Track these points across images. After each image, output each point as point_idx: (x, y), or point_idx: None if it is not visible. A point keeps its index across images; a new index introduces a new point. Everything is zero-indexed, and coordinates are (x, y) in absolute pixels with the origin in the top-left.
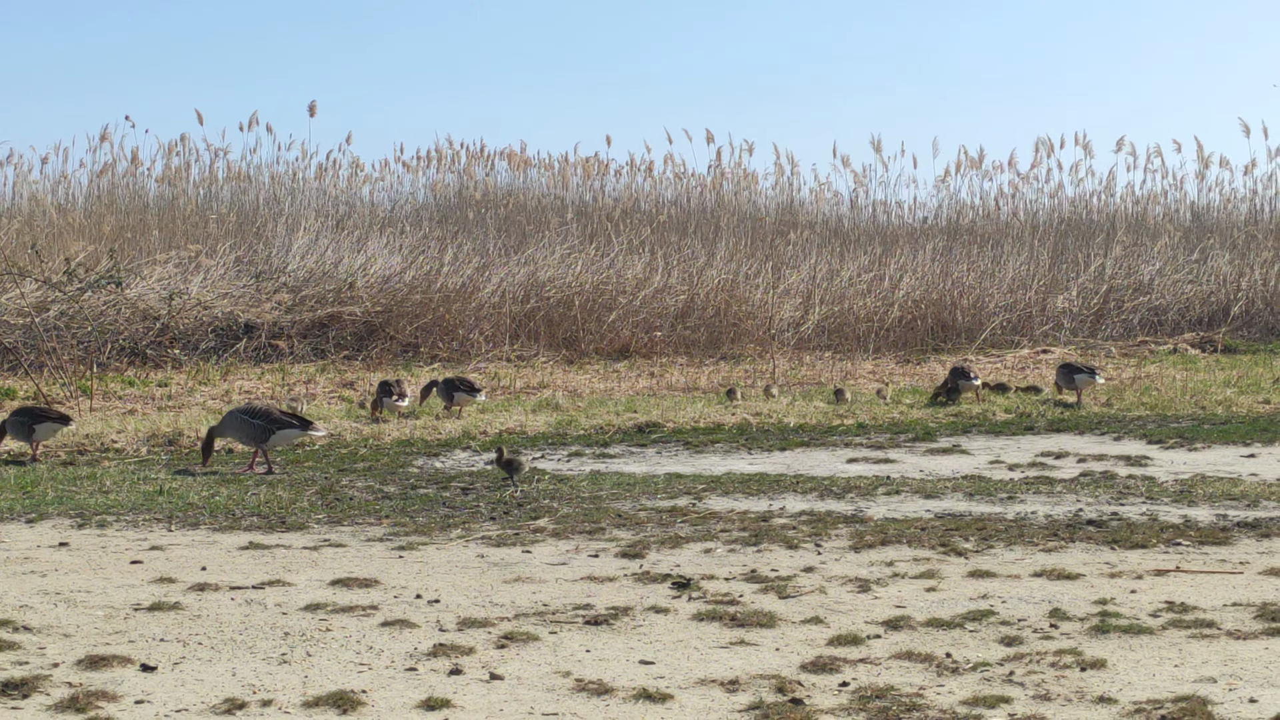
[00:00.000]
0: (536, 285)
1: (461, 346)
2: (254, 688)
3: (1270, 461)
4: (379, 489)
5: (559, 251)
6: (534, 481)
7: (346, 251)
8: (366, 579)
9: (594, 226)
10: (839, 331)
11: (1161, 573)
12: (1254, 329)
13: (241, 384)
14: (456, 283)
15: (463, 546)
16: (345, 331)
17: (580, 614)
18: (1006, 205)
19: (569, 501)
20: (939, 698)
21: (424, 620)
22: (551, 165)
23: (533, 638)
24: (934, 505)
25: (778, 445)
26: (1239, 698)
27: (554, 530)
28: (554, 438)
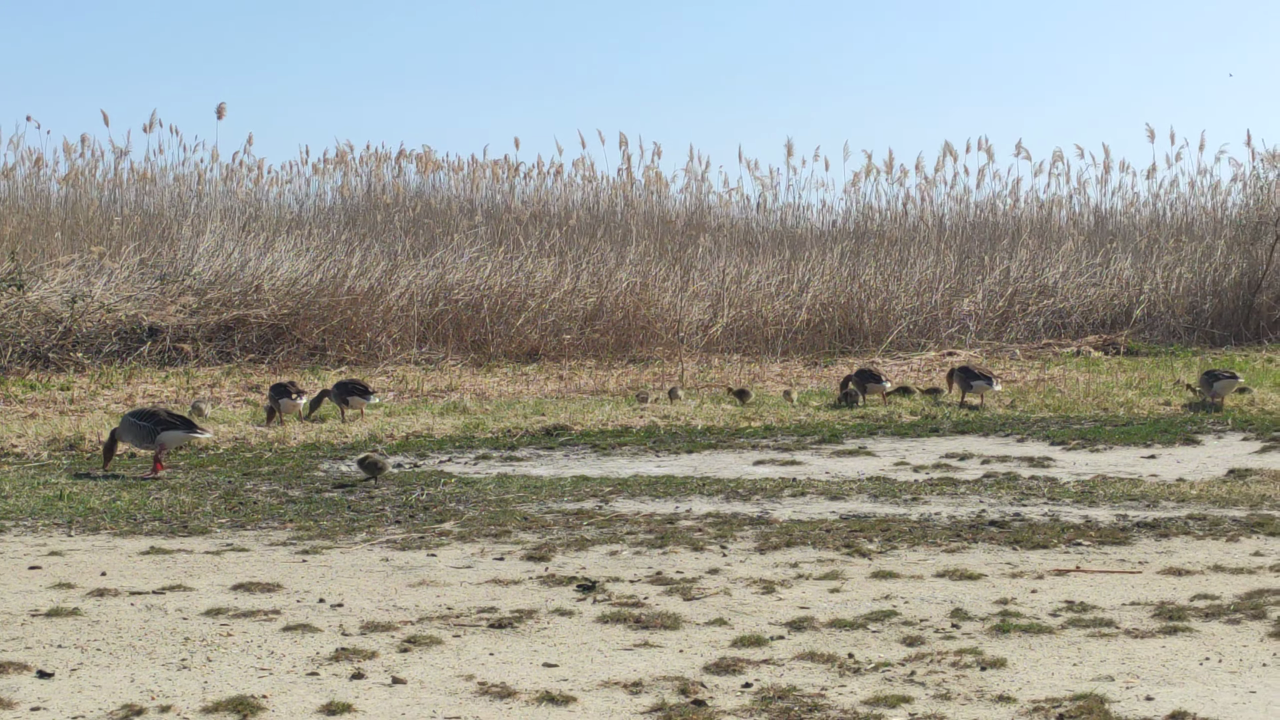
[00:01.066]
0: (445, 288)
1: (369, 349)
2: (153, 693)
3: (1170, 462)
4: (284, 493)
5: (468, 254)
6: (440, 485)
7: (253, 254)
8: (269, 583)
9: (503, 229)
10: (747, 334)
11: (1062, 573)
12: (1155, 331)
13: (146, 387)
14: (364, 285)
15: (367, 550)
16: (251, 334)
17: (485, 617)
18: (914, 209)
19: (475, 505)
20: (840, 698)
21: (327, 624)
22: (461, 168)
23: (436, 641)
24: (839, 507)
25: (685, 448)
26: (1136, 695)
27: (460, 533)
28: (461, 440)
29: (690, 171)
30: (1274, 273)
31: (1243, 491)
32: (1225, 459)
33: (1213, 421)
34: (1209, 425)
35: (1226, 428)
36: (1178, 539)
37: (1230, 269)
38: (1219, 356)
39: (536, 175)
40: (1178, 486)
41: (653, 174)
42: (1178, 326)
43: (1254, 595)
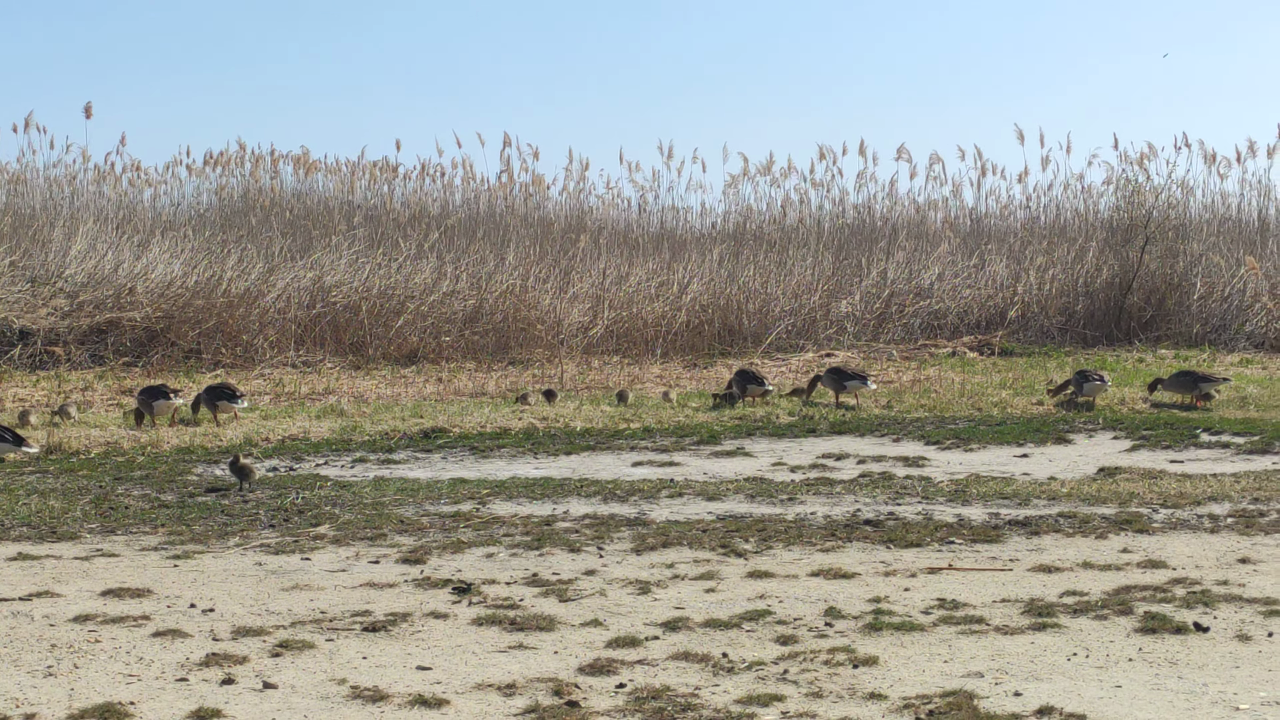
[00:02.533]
0: (323, 290)
1: (246, 352)
2: (17, 701)
3: (1042, 461)
4: (156, 497)
5: (346, 256)
6: (315, 488)
7: (128, 256)
8: (139, 589)
9: (382, 231)
10: (627, 336)
11: (935, 571)
12: (1029, 332)
13: (16, 391)
14: (241, 288)
15: (240, 554)
16: (125, 338)
17: (358, 621)
18: (793, 211)
19: (351, 508)
20: (714, 697)
21: (197, 630)
22: (339, 169)
23: (309, 645)
24: (716, 507)
25: (564, 449)
26: (1004, 691)
27: (335, 537)
28: (338, 444)
29: (570, 173)
30: (1144, 274)
31: (1112, 489)
32: (1096, 457)
33: (1084, 421)
34: (1080, 424)
35: (1098, 427)
36: (1048, 536)
37: (1102, 271)
38: (1091, 357)
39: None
40: (1049, 485)
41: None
42: (1051, 327)
43: (1121, 591)
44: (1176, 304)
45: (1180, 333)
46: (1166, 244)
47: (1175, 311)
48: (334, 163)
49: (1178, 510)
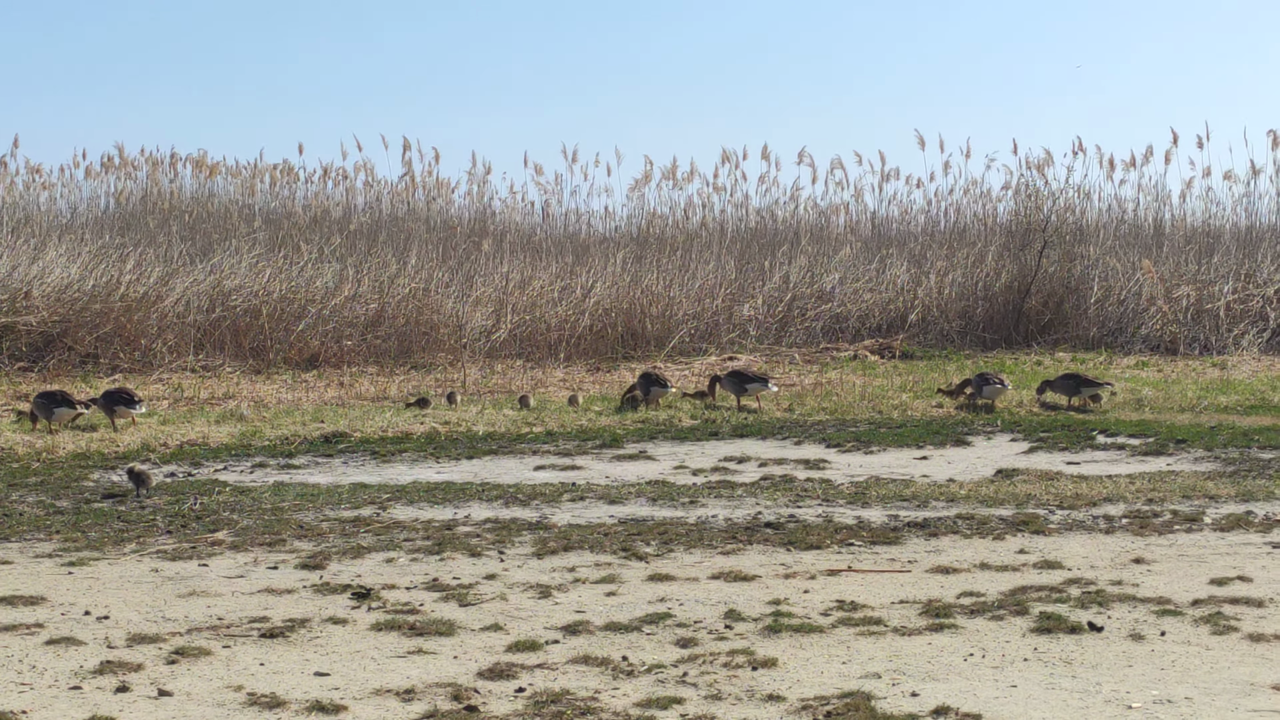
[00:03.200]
0: (223, 294)
1: (144, 357)
2: None
3: (941, 463)
4: (50, 503)
5: (247, 260)
6: (214, 494)
7: (23, 259)
8: (33, 596)
9: (283, 235)
10: (531, 340)
11: (834, 572)
12: (929, 335)
13: None
14: (139, 291)
15: (136, 561)
16: (20, 342)
17: (256, 627)
18: (696, 215)
19: (250, 513)
20: (614, 700)
21: (92, 637)
22: (240, 172)
23: (205, 652)
24: (618, 510)
25: (466, 453)
26: (901, 692)
27: (233, 543)
28: (238, 449)
29: (473, 176)
30: (1042, 278)
31: (1009, 491)
32: (994, 459)
33: (983, 423)
34: (979, 427)
35: (996, 429)
36: (946, 538)
37: (1001, 274)
38: (990, 360)
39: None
40: (948, 487)
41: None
42: (951, 331)
43: (1018, 592)
44: (1074, 307)
45: (1078, 336)
46: (1064, 248)
47: (1073, 315)
48: (234, 165)
49: (1074, 511)
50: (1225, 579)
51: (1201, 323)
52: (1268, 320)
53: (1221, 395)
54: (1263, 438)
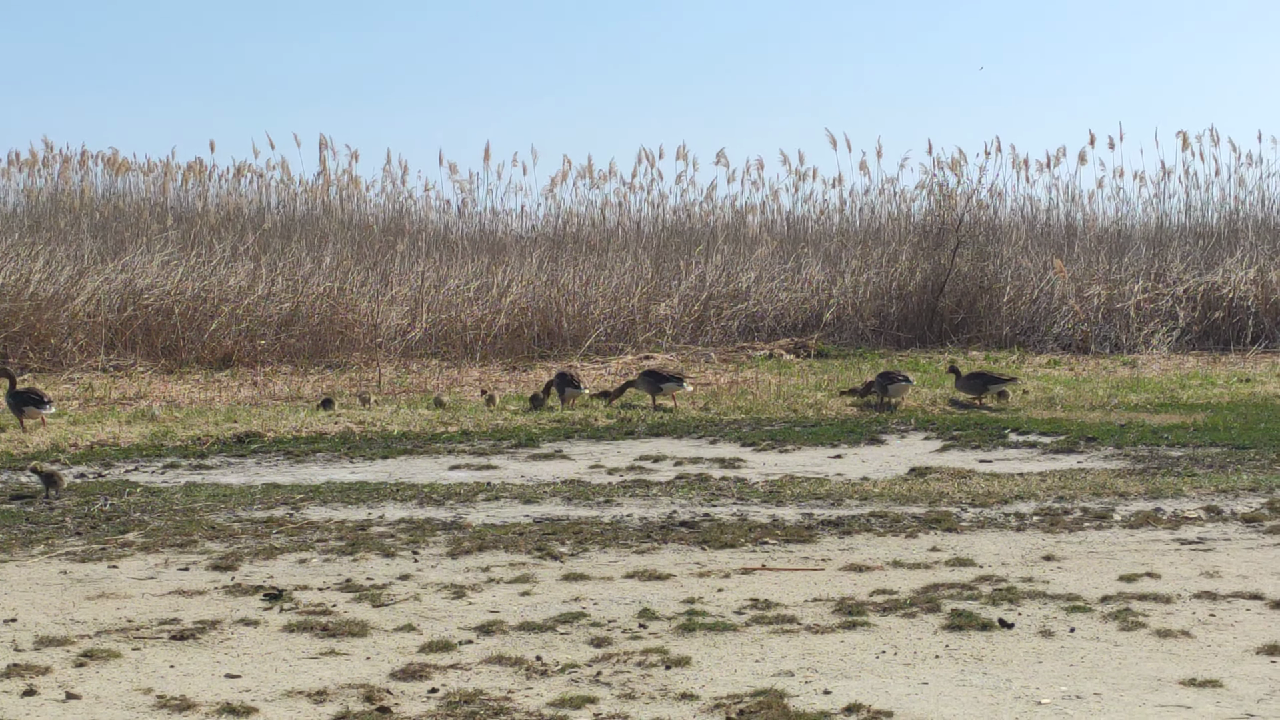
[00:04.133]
0: (134, 293)
1: (54, 356)
2: None
3: (855, 462)
4: None
5: (158, 258)
6: (125, 494)
7: None
8: None
9: (196, 233)
10: (446, 339)
11: (748, 571)
12: (844, 334)
13: None
14: (49, 291)
15: (45, 563)
16: None
17: (166, 629)
18: (613, 214)
19: (161, 514)
20: (527, 700)
21: None
22: (152, 170)
23: (114, 655)
24: (533, 510)
25: (380, 453)
26: (814, 689)
27: (144, 544)
28: (149, 449)
29: (388, 175)
30: (956, 278)
31: (922, 489)
32: (907, 458)
33: (897, 421)
34: (893, 425)
35: (910, 427)
36: (860, 536)
37: (915, 274)
38: (904, 359)
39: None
40: (862, 485)
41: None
42: (865, 329)
43: (929, 589)
44: (987, 306)
45: (991, 334)
46: (977, 248)
47: (986, 314)
48: (146, 163)
49: (986, 509)
50: (1134, 575)
51: (1112, 321)
52: (1177, 319)
53: (1132, 393)
54: (1171, 435)
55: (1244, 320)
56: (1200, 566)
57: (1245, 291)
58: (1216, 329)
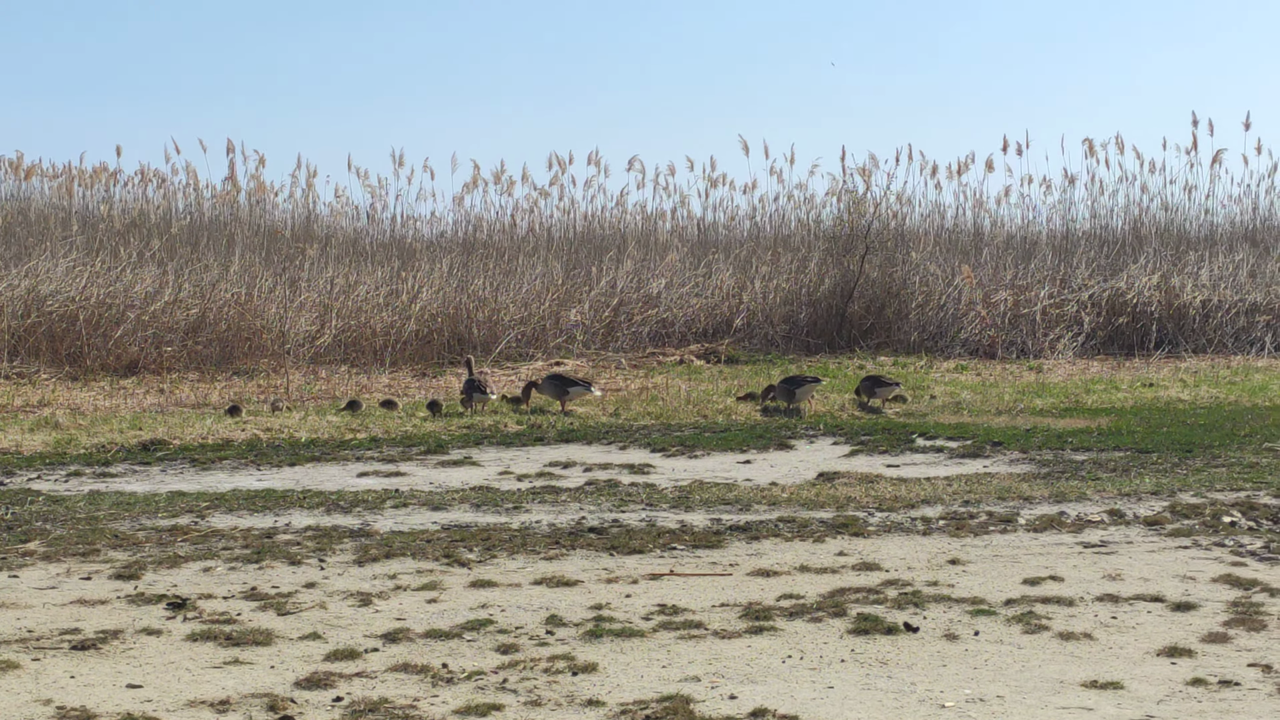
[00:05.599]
0: (38, 299)
1: None
2: None
3: (764, 467)
4: None
5: (63, 264)
6: (27, 503)
7: None
8: None
9: (101, 238)
10: (356, 345)
11: (656, 576)
12: (754, 340)
13: None
14: None
15: None
16: None
17: (67, 639)
18: (524, 220)
19: (64, 523)
20: (432, 708)
21: None
22: (57, 174)
23: (13, 666)
24: (441, 517)
25: (288, 460)
26: (720, 694)
27: (45, 553)
28: (52, 457)
29: (297, 180)
30: (865, 283)
31: (830, 494)
32: (816, 463)
33: (805, 426)
34: (802, 430)
35: (819, 433)
36: (768, 541)
37: (824, 280)
38: (814, 364)
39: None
40: (770, 490)
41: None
42: (775, 335)
43: (836, 594)
44: (896, 312)
45: (900, 340)
46: (886, 254)
47: (895, 320)
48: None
49: (893, 513)
50: (1038, 579)
51: (1019, 327)
52: (1082, 324)
53: (1037, 398)
54: (1076, 439)
55: (1148, 326)
56: (1103, 569)
57: (1149, 297)
58: (1121, 334)
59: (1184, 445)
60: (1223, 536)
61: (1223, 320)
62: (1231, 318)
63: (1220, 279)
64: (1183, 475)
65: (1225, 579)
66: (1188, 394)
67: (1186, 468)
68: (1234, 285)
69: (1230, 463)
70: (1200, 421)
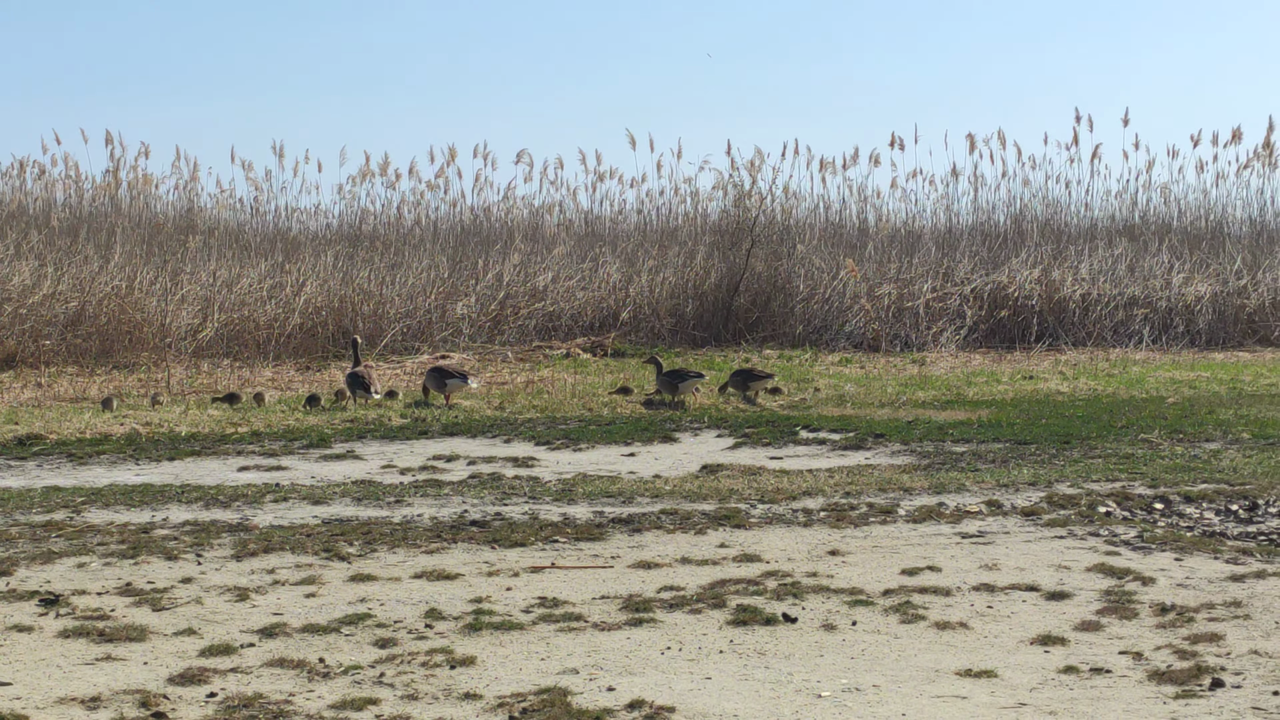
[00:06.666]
0: None
1: None
2: None
3: (648, 459)
4: None
5: None
6: None
7: None
8: None
9: None
10: (239, 339)
11: (538, 569)
12: (641, 334)
13: None
14: None
15: None
16: None
17: None
18: (409, 213)
19: None
20: (308, 703)
21: None
22: None
23: None
24: (322, 511)
25: (168, 455)
26: (598, 686)
27: None
28: None
29: (180, 172)
30: (750, 277)
31: (713, 486)
32: (700, 455)
33: (690, 419)
34: (687, 423)
35: (703, 425)
36: (650, 533)
37: (711, 273)
38: (700, 357)
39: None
40: (654, 483)
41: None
42: (662, 328)
43: (716, 585)
44: (781, 305)
45: (785, 333)
46: (772, 247)
47: (780, 313)
48: None
49: (775, 505)
50: (916, 569)
51: (903, 320)
52: (964, 318)
53: (920, 390)
54: (956, 431)
55: (1029, 319)
56: (980, 560)
57: (1030, 290)
58: (1002, 327)
59: (1062, 437)
60: (1098, 526)
61: (1102, 314)
62: (1110, 311)
63: (1099, 273)
64: (1060, 466)
65: (1099, 568)
66: (1067, 386)
67: (1064, 459)
68: (1113, 279)
69: (1107, 454)
70: (1078, 413)
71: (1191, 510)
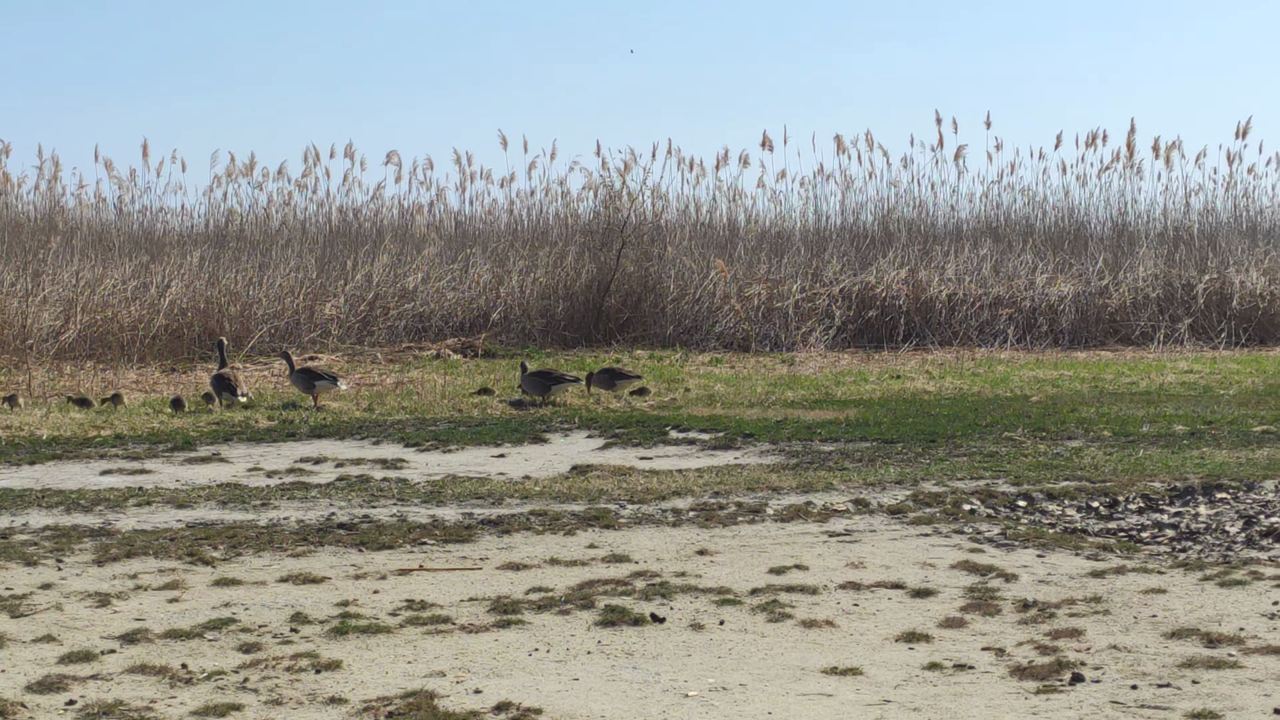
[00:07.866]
0: None
1: None
2: None
3: (518, 460)
4: None
5: None
6: None
7: None
8: None
9: None
10: (102, 341)
11: (405, 572)
12: (511, 334)
13: None
14: None
15: None
16: None
17: None
18: (277, 213)
19: None
20: (170, 709)
21: None
22: None
23: None
24: (186, 515)
25: (28, 459)
26: (465, 689)
27: None
28: None
29: (41, 171)
30: (621, 278)
31: (583, 487)
32: (570, 456)
33: (561, 420)
34: (557, 424)
35: (574, 426)
36: (519, 534)
37: (581, 274)
38: (571, 358)
39: None
40: (523, 484)
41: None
42: (533, 329)
43: (585, 586)
44: (652, 306)
45: (655, 334)
46: (643, 248)
47: (651, 313)
48: None
49: (644, 505)
50: (783, 568)
51: (772, 320)
52: (833, 318)
53: (789, 390)
54: (824, 431)
55: (896, 319)
56: (847, 558)
57: (897, 291)
58: (871, 327)
59: (928, 435)
60: (962, 524)
61: (967, 313)
62: (975, 311)
63: (965, 273)
64: (926, 465)
65: (963, 565)
66: (933, 385)
67: (930, 457)
68: (978, 279)
69: (972, 452)
70: (944, 412)
71: (1054, 507)
